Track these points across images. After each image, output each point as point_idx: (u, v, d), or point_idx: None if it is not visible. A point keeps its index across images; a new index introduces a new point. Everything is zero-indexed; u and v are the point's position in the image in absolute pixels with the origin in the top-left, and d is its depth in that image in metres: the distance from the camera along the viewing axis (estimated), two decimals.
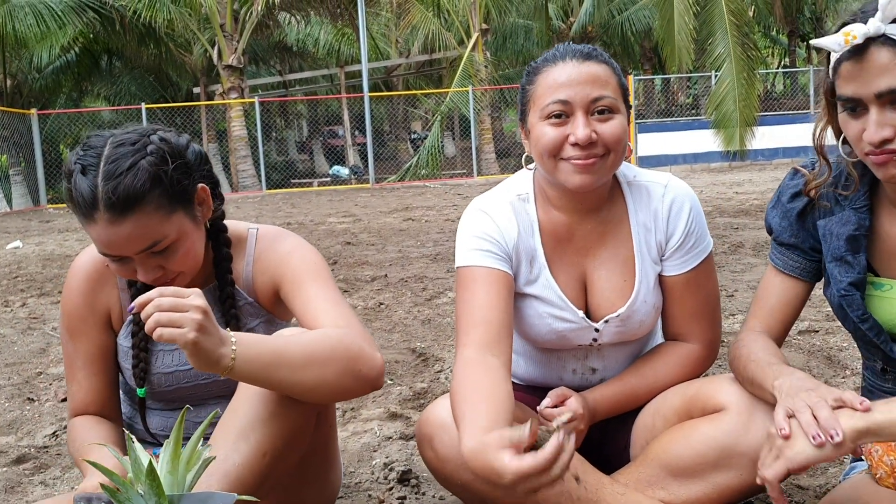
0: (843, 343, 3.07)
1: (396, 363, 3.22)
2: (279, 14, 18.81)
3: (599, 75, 1.47)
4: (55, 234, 9.90)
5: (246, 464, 1.31)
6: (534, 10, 20.46)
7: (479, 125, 17.87)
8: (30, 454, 2.39)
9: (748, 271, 4.78)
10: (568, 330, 1.61)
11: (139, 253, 1.36)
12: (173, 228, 1.37)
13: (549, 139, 1.46)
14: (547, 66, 1.50)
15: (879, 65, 1.16)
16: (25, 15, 15.55)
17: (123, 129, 1.40)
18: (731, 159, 15.32)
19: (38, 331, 4.20)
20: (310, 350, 1.31)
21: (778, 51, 33.68)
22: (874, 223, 1.37)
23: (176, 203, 1.37)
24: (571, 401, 1.56)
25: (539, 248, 1.59)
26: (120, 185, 1.30)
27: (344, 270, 5.67)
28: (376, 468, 2.12)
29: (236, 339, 1.23)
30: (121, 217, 1.31)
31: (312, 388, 1.31)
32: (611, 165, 1.49)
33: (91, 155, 1.34)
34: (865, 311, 1.36)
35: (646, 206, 1.59)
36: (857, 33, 1.17)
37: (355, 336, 1.37)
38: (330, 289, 1.48)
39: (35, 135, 15.94)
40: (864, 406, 1.13)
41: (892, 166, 1.21)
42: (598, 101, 1.45)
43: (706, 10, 10.94)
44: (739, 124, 10.49)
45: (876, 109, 1.19)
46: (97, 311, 1.53)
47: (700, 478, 1.45)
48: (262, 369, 1.26)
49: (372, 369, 1.36)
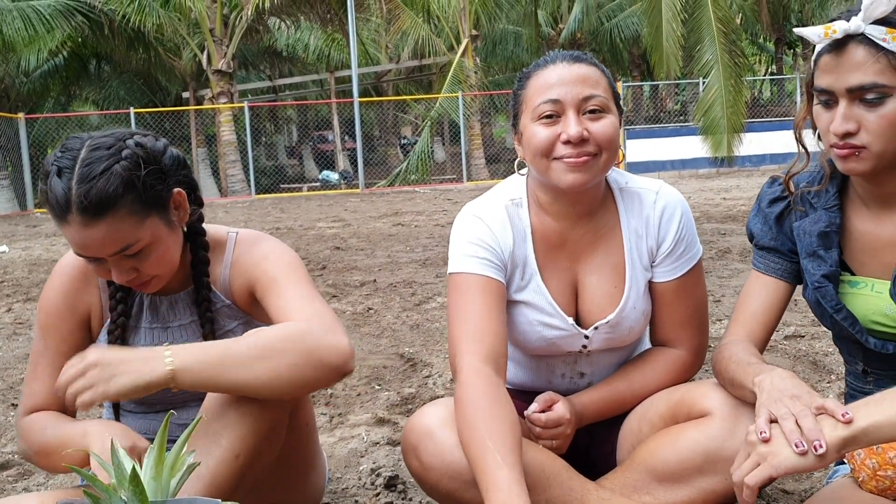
0: (829, 348, 3.09)
1: (384, 368, 3.21)
2: (269, 19, 18.78)
3: (590, 75, 1.48)
4: (42, 238, 9.84)
5: (218, 466, 1.31)
6: (523, 16, 20.55)
7: (469, 131, 17.90)
8: (13, 461, 2.37)
9: (735, 277, 4.81)
10: (558, 337, 1.61)
11: (112, 255, 1.37)
12: (146, 233, 1.38)
13: (542, 138, 1.47)
14: (538, 69, 1.52)
15: (855, 61, 1.23)
16: (13, 19, 15.46)
17: (102, 132, 1.40)
18: (719, 165, 15.38)
19: (23, 336, 4.17)
20: (259, 345, 1.31)
21: (765, 58, 33.89)
22: (846, 223, 1.41)
23: (149, 208, 1.38)
24: (559, 406, 1.56)
25: (531, 255, 1.59)
26: (93, 188, 1.31)
27: (333, 275, 5.66)
28: (363, 474, 2.11)
29: (171, 351, 1.26)
30: (93, 220, 1.32)
31: (267, 382, 1.30)
32: (603, 165, 1.49)
33: (67, 157, 1.34)
34: (839, 302, 1.39)
35: (637, 213, 1.60)
36: (837, 28, 1.24)
37: (317, 325, 1.36)
38: (300, 285, 1.48)
39: (22, 139, 15.85)
40: (846, 418, 1.13)
41: (852, 160, 1.28)
42: (589, 100, 1.46)
43: (694, 18, 10.99)
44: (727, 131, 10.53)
45: (845, 103, 1.25)
46: (78, 311, 1.53)
47: (685, 482, 1.45)
48: (209, 371, 1.27)
49: (334, 356, 1.33)
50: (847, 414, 1.13)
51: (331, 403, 2.79)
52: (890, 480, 1.29)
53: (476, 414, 1.36)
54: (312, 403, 1.72)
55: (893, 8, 1.22)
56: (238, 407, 1.35)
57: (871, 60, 1.22)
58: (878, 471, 1.30)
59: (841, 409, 1.14)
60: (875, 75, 1.22)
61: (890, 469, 1.29)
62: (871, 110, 1.24)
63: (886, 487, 1.30)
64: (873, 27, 1.22)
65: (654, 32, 10.81)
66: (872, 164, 1.28)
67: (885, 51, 1.21)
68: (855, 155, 1.27)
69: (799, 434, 1.14)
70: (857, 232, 1.41)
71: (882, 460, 1.30)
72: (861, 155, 1.27)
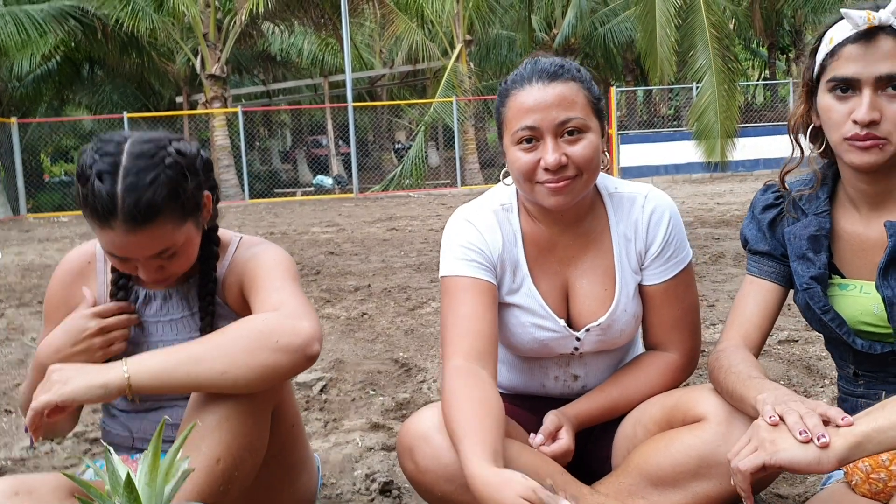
0: (822, 353, 3.10)
1: (379, 373, 3.21)
2: (263, 24, 18.75)
3: (566, 96, 1.47)
4: (35, 243, 9.80)
5: (199, 473, 1.31)
6: (517, 21, 20.55)
7: (463, 135, 17.90)
8: (6, 467, 2.36)
9: (729, 281, 4.82)
10: (549, 339, 1.62)
11: (147, 257, 1.41)
12: (182, 237, 1.42)
13: (522, 164, 1.49)
14: (515, 88, 1.51)
15: (885, 51, 1.27)
16: (6, 23, 15.41)
17: (138, 137, 1.42)
18: (713, 170, 15.39)
19: (16, 341, 4.16)
20: (214, 338, 1.34)
21: (758, 63, 34.04)
22: (836, 227, 1.43)
23: (188, 214, 1.42)
24: (563, 433, 1.55)
25: (522, 258, 1.60)
26: (142, 198, 1.34)
27: (327, 280, 5.66)
28: (358, 479, 2.11)
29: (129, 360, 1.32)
30: (138, 227, 1.35)
31: (225, 371, 1.31)
32: (584, 184, 1.51)
33: (108, 162, 1.36)
34: (827, 303, 1.40)
35: (626, 217, 1.62)
36: (878, 16, 1.27)
37: (280, 313, 1.37)
38: (278, 279, 1.49)
39: (15, 143, 15.78)
40: (846, 422, 1.13)
41: (873, 152, 1.29)
42: (566, 124, 1.47)
43: (687, 23, 11.03)
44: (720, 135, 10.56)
45: (870, 91, 1.28)
46: (73, 300, 1.57)
47: (679, 487, 1.46)
48: (165, 368, 1.31)
49: (294, 337, 1.33)
50: (846, 418, 1.14)
51: (325, 409, 2.78)
52: (883, 483, 1.30)
53: (456, 404, 1.38)
54: (297, 403, 1.71)
55: None
56: (217, 410, 1.35)
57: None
58: (871, 474, 1.30)
59: (841, 414, 1.15)
60: None
61: (883, 472, 1.29)
62: (894, 101, 1.27)
63: (879, 490, 1.30)
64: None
65: (648, 37, 10.84)
66: (889, 156, 1.30)
67: None
68: (878, 147, 1.29)
69: (803, 424, 1.14)
70: (846, 235, 1.42)
71: (875, 463, 1.30)
72: (883, 147, 1.29)
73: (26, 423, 1.31)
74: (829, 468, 1.12)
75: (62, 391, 1.29)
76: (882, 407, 1.15)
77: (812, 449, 1.11)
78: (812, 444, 1.11)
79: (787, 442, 1.14)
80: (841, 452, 1.11)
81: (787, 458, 1.13)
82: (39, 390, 1.31)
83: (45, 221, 14.00)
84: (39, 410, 1.28)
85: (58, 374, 1.31)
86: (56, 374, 1.31)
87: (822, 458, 1.11)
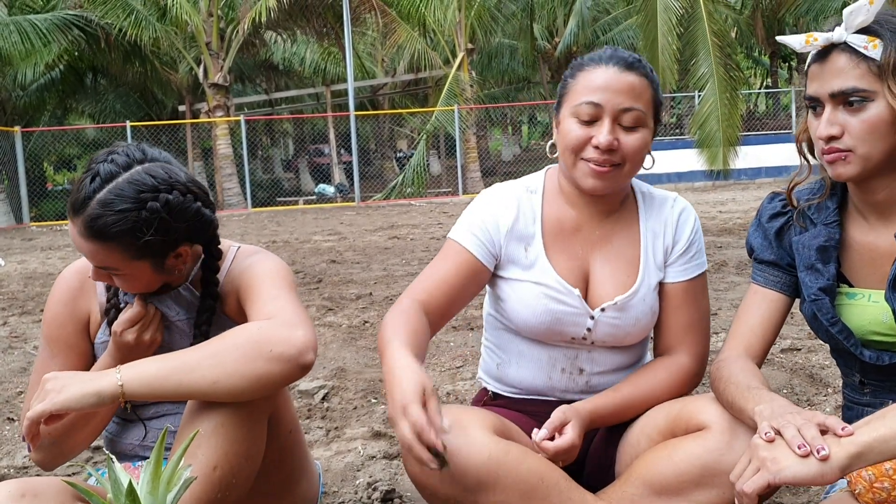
0: (825, 361, 3.09)
1: (381, 381, 3.21)
2: (265, 33, 18.82)
3: (635, 86, 1.54)
4: (38, 252, 9.82)
5: (196, 479, 1.30)
6: (519, 30, 20.65)
7: (465, 144, 17.93)
8: (9, 475, 2.36)
9: (731, 290, 4.82)
10: (563, 313, 1.62)
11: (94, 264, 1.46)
12: (130, 268, 1.45)
13: (575, 136, 1.54)
14: (591, 65, 1.58)
15: (837, 68, 1.31)
16: (10, 33, 15.47)
17: (152, 168, 1.43)
18: (715, 178, 15.44)
19: (18, 350, 4.16)
20: (208, 346, 1.34)
21: (760, 71, 34.11)
22: (845, 236, 1.44)
23: (143, 257, 1.44)
24: (569, 429, 1.52)
25: (538, 235, 1.65)
26: (101, 218, 1.38)
27: (329, 289, 5.66)
28: (359, 487, 2.11)
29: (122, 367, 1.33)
30: (88, 238, 1.41)
31: (218, 380, 1.31)
32: (625, 175, 1.58)
33: (108, 170, 1.40)
34: (835, 315, 1.40)
35: (657, 214, 1.69)
36: (819, 37, 1.31)
37: (275, 322, 1.37)
38: (276, 287, 1.49)
39: (18, 152, 15.84)
40: (846, 431, 1.13)
41: (839, 165, 1.33)
42: (627, 112, 1.53)
43: (689, 32, 11.07)
44: (722, 144, 10.59)
45: (829, 108, 1.32)
46: (77, 316, 1.58)
47: (683, 496, 1.45)
48: (159, 376, 1.31)
49: (288, 346, 1.33)
50: (846, 428, 1.13)
51: (327, 417, 2.78)
52: (886, 492, 1.29)
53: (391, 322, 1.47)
54: (295, 410, 1.70)
55: (873, 18, 1.28)
56: (213, 417, 1.35)
57: (852, 66, 1.29)
58: (875, 483, 1.30)
59: (840, 424, 1.14)
60: (856, 80, 1.28)
61: (886, 481, 1.29)
62: (854, 114, 1.30)
63: (883, 499, 1.30)
64: (855, 36, 1.29)
65: (650, 46, 10.88)
66: (859, 168, 1.32)
67: (866, 58, 1.28)
68: (841, 159, 1.32)
69: (801, 438, 1.14)
70: (855, 244, 1.42)
71: (878, 472, 1.30)
72: (847, 159, 1.32)
73: (23, 432, 1.31)
74: (832, 479, 1.12)
75: (56, 399, 1.29)
76: (882, 416, 1.14)
77: (813, 462, 1.11)
78: (812, 458, 1.11)
79: (788, 459, 1.13)
80: (842, 463, 1.11)
81: (790, 475, 1.12)
82: (35, 399, 1.32)
83: (48, 230, 14.02)
84: (35, 419, 1.29)
85: (52, 383, 1.31)
86: (51, 382, 1.32)
87: (825, 470, 1.11)
